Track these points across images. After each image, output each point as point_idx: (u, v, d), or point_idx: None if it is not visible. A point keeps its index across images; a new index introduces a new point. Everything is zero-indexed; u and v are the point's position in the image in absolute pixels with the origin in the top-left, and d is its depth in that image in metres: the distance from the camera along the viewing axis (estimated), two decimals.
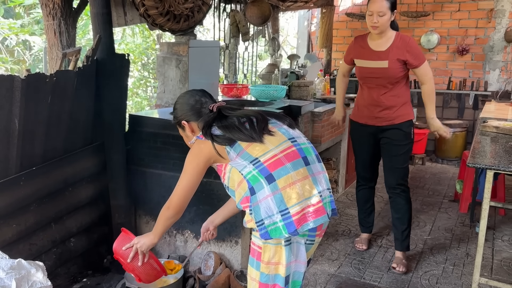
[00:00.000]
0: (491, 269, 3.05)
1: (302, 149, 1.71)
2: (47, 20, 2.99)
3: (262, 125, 1.71)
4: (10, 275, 1.77)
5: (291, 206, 1.60)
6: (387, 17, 2.77)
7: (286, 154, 1.66)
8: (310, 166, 1.69)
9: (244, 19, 4.71)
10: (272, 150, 1.65)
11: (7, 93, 2.10)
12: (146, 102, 8.23)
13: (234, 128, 1.69)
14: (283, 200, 1.60)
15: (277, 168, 1.62)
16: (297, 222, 1.60)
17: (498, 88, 5.80)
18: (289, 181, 1.62)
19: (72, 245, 2.75)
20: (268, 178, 1.61)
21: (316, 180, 1.69)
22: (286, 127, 1.78)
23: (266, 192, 1.61)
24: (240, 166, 1.67)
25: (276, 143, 1.68)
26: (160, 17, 3.15)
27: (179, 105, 1.88)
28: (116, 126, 2.76)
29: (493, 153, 2.63)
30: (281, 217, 1.59)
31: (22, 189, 2.32)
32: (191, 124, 1.85)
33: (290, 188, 1.61)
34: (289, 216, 1.59)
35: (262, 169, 1.63)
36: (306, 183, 1.64)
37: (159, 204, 2.93)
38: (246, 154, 1.67)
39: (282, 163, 1.63)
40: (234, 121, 1.72)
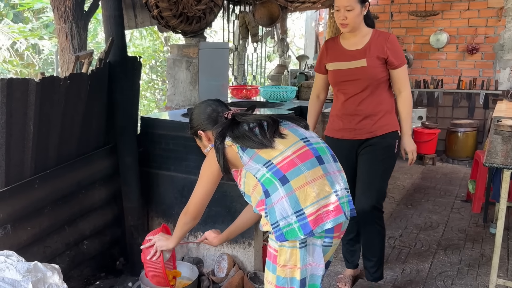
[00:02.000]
0: (506, 270, 3.02)
1: (316, 148, 1.68)
2: (58, 23, 3.01)
3: (273, 129, 1.69)
4: (26, 278, 1.77)
5: (306, 207, 1.57)
6: (356, 12, 2.37)
7: (299, 155, 1.63)
8: (325, 165, 1.66)
9: (253, 20, 4.71)
10: (285, 152, 1.63)
11: (22, 96, 2.11)
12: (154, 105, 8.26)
13: (244, 137, 1.67)
14: (298, 201, 1.57)
15: (290, 169, 1.60)
16: (313, 222, 1.57)
17: (509, 87, 5.75)
18: (303, 181, 1.59)
19: (85, 247, 2.76)
20: (282, 179, 1.60)
21: (332, 179, 1.65)
22: (298, 128, 1.75)
23: (280, 194, 1.59)
24: (254, 170, 1.66)
25: (288, 144, 1.65)
26: (174, 19, 3.17)
27: (195, 115, 1.89)
28: (128, 128, 2.76)
29: (509, 152, 2.60)
30: (296, 218, 1.57)
31: (37, 192, 2.33)
32: (207, 133, 1.86)
33: (305, 188, 1.58)
34: (304, 217, 1.57)
35: (276, 171, 1.61)
36: (321, 182, 1.61)
37: (171, 206, 2.95)
38: (258, 157, 1.65)
39: (295, 163, 1.61)
40: (244, 129, 1.70)
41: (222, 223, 2.79)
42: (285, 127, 1.73)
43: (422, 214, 4.05)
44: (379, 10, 6.25)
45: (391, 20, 6.21)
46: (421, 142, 5.79)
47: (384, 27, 6.24)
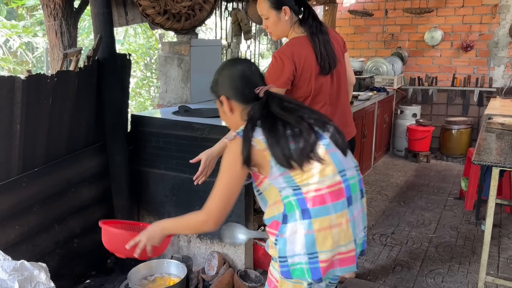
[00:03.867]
0: (497, 267, 3.02)
1: (350, 186, 1.47)
2: (48, 20, 3.00)
3: (309, 149, 1.41)
4: (13, 277, 1.76)
5: (322, 252, 1.40)
6: (272, 19, 2.19)
7: (332, 192, 1.42)
8: (352, 207, 1.47)
9: (246, 17, 4.68)
10: (318, 183, 1.42)
11: (8, 94, 2.10)
12: (149, 102, 8.24)
13: (276, 146, 1.39)
14: (314, 243, 1.39)
15: (318, 206, 1.41)
16: (324, 269, 1.41)
17: (503, 84, 5.75)
18: (326, 224, 1.40)
19: (76, 246, 2.75)
20: (304, 212, 1.40)
21: (355, 224, 1.47)
22: (337, 151, 1.48)
23: (297, 227, 1.40)
24: (279, 185, 1.45)
25: (324, 175, 1.42)
26: (159, 16, 3.14)
27: (222, 77, 1.57)
28: (118, 126, 2.75)
29: (499, 150, 2.60)
30: (308, 259, 1.40)
31: (25, 191, 2.32)
32: (231, 102, 1.54)
33: (325, 233, 1.40)
34: (317, 261, 1.40)
35: (301, 200, 1.41)
36: (344, 228, 1.43)
37: (162, 204, 2.95)
38: (289, 177, 1.42)
39: (325, 201, 1.41)
40: (279, 133, 1.41)
41: None
42: (326, 148, 1.46)
43: (415, 212, 4.05)
44: (374, 7, 6.24)
45: (386, 17, 6.20)
46: (415, 140, 5.80)
47: (379, 24, 6.23)
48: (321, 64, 2.14)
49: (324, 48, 2.15)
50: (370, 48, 6.45)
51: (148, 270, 2.61)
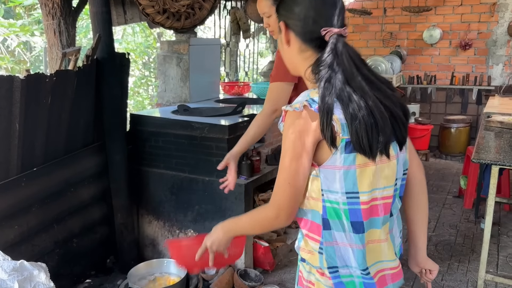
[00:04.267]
0: (496, 265, 3.03)
1: (395, 196, 1.26)
2: (46, 19, 2.98)
3: (385, 140, 1.16)
4: (12, 277, 1.76)
5: (371, 266, 1.24)
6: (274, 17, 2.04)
7: (385, 204, 1.22)
8: (393, 218, 1.28)
9: (244, 16, 4.68)
10: (378, 190, 1.19)
11: (7, 93, 2.09)
12: (148, 101, 8.22)
13: (357, 124, 1.10)
14: (365, 258, 1.21)
15: (370, 217, 1.20)
16: (378, 284, 1.25)
17: (502, 82, 5.76)
18: (375, 237, 1.23)
19: (75, 245, 2.74)
20: (356, 226, 1.19)
21: (394, 237, 1.29)
22: (401, 157, 1.25)
23: (345, 239, 1.20)
24: (329, 183, 1.17)
25: (384, 183, 1.20)
26: (158, 16, 3.13)
27: None
28: (117, 125, 2.74)
29: (498, 148, 2.60)
30: (361, 274, 1.23)
31: (24, 190, 2.31)
32: (289, 33, 1.23)
33: (374, 246, 1.23)
34: (371, 277, 1.23)
35: (354, 211, 1.18)
36: (386, 245, 1.26)
37: (161, 204, 2.94)
38: (352, 174, 1.15)
39: (377, 213, 1.21)
40: (354, 106, 1.11)
41: (212, 220, 2.78)
42: (394, 150, 1.21)
43: None
44: (372, 6, 6.24)
45: (385, 16, 6.20)
46: (414, 138, 5.80)
47: (378, 23, 6.23)
48: None
49: None
50: (369, 47, 6.45)
51: (148, 270, 2.61)
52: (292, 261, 3.09)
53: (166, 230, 2.97)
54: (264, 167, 2.97)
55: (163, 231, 2.99)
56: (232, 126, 2.67)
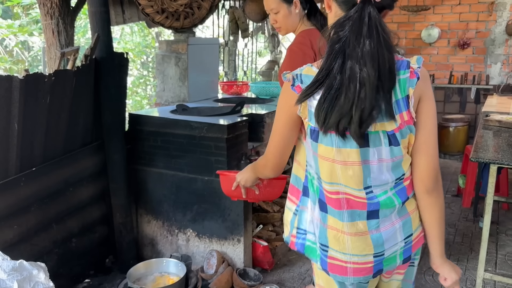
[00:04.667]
0: (495, 264, 3.03)
1: (376, 203, 1.25)
2: (45, 19, 2.98)
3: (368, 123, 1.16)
4: (12, 277, 1.76)
5: (332, 248, 1.29)
6: (282, 13, 2.18)
7: (352, 201, 1.25)
8: (378, 221, 1.27)
9: (243, 15, 4.68)
10: (340, 186, 1.25)
11: (6, 93, 2.09)
12: (146, 101, 8.22)
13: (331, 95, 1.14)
14: (326, 237, 1.29)
15: (331, 206, 1.27)
16: (331, 267, 1.30)
17: (500, 81, 5.77)
18: (337, 227, 1.27)
19: (74, 245, 2.74)
20: (321, 204, 1.29)
21: (381, 237, 1.28)
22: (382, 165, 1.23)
23: (314, 211, 1.31)
24: (308, 158, 1.31)
25: (349, 183, 1.23)
26: (158, 15, 3.14)
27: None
28: (115, 125, 2.74)
29: (496, 147, 2.61)
30: (320, 247, 1.32)
31: (23, 190, 2.31)
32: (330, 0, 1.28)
33: (337, 234, 1.28)
34: (326, 255, 1.30)
35: (321, 191, 1.28)
36: (359, 240, 1.26)
37: (160, 204, 2.94)
38: (316, 160, 1.26)
39: (339, 206, 1.26)
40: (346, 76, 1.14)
41: (211, 219, 2.79)
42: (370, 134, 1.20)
43: None
44: None
45: None
46: None
47: None
48: None
49: None
50: None
51: (147, 269, 2.61)
52: (291, 261, 3.10)
53: (165, 230, 2.98)
54: None
55: (162, 231, 2.99)
56: (231, 126, 2.67)
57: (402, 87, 1.20)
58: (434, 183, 1.28)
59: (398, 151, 1.23)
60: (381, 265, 1.31)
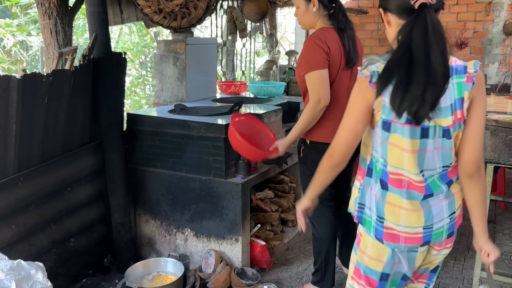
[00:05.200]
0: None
1: (429, 186, 1.48)
2: (43, 19, 2.99)
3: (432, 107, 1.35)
4: (10, 276, 1.76)
5: (388, 220, 1.50)
6: (301, 9, 2.31)
7: (411, 183, 1.47)
8: (428, 200, 1.49)
9: (241, 15, 4.69)
10: (403, 170, 1.45)
11: (4, 93, 2.09)
12: (145, 101, 8.22)
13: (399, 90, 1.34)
14: (383, 211, 1.51)
15: (393, 187, 1.49)
16: (386, 236, 1.52)
17: (497, 81, 5.78)
18: (396, 202, 1.49)
19: (72, 245, 2.74)
20: (383, 183, 1.50)
21: (431, 212, 1.50)
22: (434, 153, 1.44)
23: (375, 189, 1.52)
24: (375, 145, 1.50)
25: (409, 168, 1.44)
26: (156, 15, 3.15)
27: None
28: (114, 125, 2.75)
29: (493, 146, 2.62)
30: (376, 219, 1.52)
31: (21, 190, 2.31)
32: (388, 15, 1.47)
33: (395, 209, 1.49)
34: (382, 226, 1.51)
35: (384, 172, 1.49)
36: (414, 215, 1.49)
37: (158, 203, 2.95)
38: (385, 147, 1.45)
39: (400, 186, 1.48)
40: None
41: (209, 219, 2.79)
42: None
43: None
44: (368, 5, 6.25)
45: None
46: None
47: (374, 22, 6.25)
48: (348, 57, 2.29)
49: (352, 43, 2.30)
50: (365, 46, 6.46)
51: (145, 269, 2.62)
52: (289, 260, 3.11)
53: (163, 229, 2.98)
54: (261, 166, 2.98)
55: (160, 230, 3.00)
56: (229, 126, 2.68)
57: (458, 90, 1.40)
58: (475, 170, 1.47)
59: (449, 144, 1.45)
60: (430, 237, 1.52)
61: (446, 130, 1.41)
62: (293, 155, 3.28)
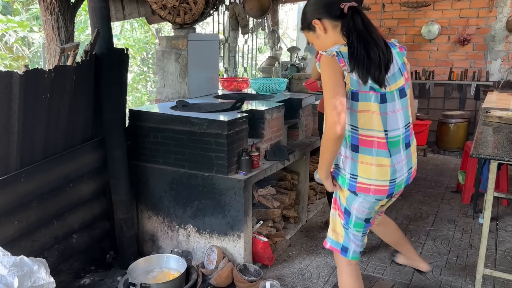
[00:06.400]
0: (494, 260, 3.04)
1: (389, 143, 1.80)
2: (44, 15, 2.97)
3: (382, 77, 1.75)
4: (12, 272, 1.77)
5: (360, 176, 1.81)
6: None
7: (379, 142, 1.78)
8: (394, 157, 1.82)
9: (243, 11, 4.67)
10: (373, 131, 1.77)
11: (6, 89, 2.09)
12: (146, 97, 8.21)
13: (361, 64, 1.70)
14: (356, 169, 1.81)
15: (364, 146, 1.78)
16: (358, 189, 1.84)
17: (500, 78, 5.76)
18: (367, 161, 1.79)
19: (75, 241, 2.75)
20: (353, 147, 1.80)
21: (396, 169, 1.83)
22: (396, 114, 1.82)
23: (346, 153, 1.83)
24: None
25: (382, 128, 1.77)
26: (162, 11, 3.18)
27: (310, 6, 1.86)
28: (116, 121, 2.74)
29: (496, 143, 2.61)
30: (350, 177, 1.84)
31: (23, 186, 2.31)
32: (323, 22, 1.81)
33: (366, 166, 1.80)
34: (355, 181, 1.83)
35: (354, 138, 1.79)
36: (382, 170, 1.80)
37: (160, 199, 2.95)
38: (355, 116, 1.76)
39: (371, 146, 1.78)
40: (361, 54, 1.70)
41: (211, 215, 2.79)
42: None
43: (413, 205, 4.07)
44: (370, 1, 6.23)
45: (383, 11, 6.19)
46: None
47: (376, 18, 6.22)
48: None
49: None
50: None
51: (148, 265, 2.62)
52: (291, 256, 3.11)
53: (166, 226, 2.98)
54: (263, 163, 2.97)
55: (162, 227, 3.00)
56: (231, 122, 2.67)
57: (399, 57, 1.87)
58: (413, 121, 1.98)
59: (406, 102, 1.86)
60: (393, 189, 1.87)
61: (401, 89, 1.83)
62: (295, 151, 3.28)
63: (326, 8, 1.79)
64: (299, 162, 3.50)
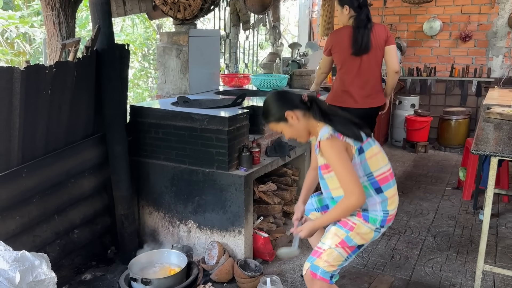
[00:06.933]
0: (495, 256, 3.05)
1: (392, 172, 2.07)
2: (46, 10, 2.97)
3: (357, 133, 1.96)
4: (14, 267, 1.77)
5: (390, 210, 2.01)
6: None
7: (390, 174, 2.02)
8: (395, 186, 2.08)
9: (244, 7, 4.66)
10: (382, 168, 1.98)
11: (7, 85, 2.09)
12: (147, 93, 8.21)
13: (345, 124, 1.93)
14: (386, 205, 1.99)
15: (384, 184, 1.98)
16: (388, 221, 2.02)
17: (502, 74, 5.75)
18: (392, 193, 2.01)
19: (76, 236, 2.76)
20: (378, 190, 1.97)
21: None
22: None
23: (375, 200, 1.97)
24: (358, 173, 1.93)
25: (386, 162, 2.01)
26: (164, 7, 3.19)
27: (273, 103, 2.00)
28: (117, 117, 2.75)
29: (497, 139, 2.61)
30: (383, 214, 1.98)
31: (25, 181, 2.32)
32: (296, 112, 1.96)
33: (393, 198, 2.01)
34: (387, 216, 2.00)
35: (373, 183, 1.96)
36: (396, 197, 2.04)
37: (161, 195, 2.96)
38: (366, 165, 1.94)
39: (388, 180, 1.99)
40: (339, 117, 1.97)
41: (212, 211, 2.80)
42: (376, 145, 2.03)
43: (413, 202, 4.07)
44: None
45: (385, 7, 6.17)
46: (413, 130, 5.81)
47: (378, 15, 6.21)
48: (354, 47, 3.09)
49: (366, 38, 3.06)
50: None
51: (149, 260, 2.63)
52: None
53: (167, 221, 2.99)
54: (264, 159, 2.98)
55: (163, 222, 3.01)
56: (231, 118, 2.68)
57: None
58: None
59: None
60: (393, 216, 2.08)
61: None
62: (296, 148, 3.28)
63: (294, 102, 1.98)
64: (300, 158, 3.51)
